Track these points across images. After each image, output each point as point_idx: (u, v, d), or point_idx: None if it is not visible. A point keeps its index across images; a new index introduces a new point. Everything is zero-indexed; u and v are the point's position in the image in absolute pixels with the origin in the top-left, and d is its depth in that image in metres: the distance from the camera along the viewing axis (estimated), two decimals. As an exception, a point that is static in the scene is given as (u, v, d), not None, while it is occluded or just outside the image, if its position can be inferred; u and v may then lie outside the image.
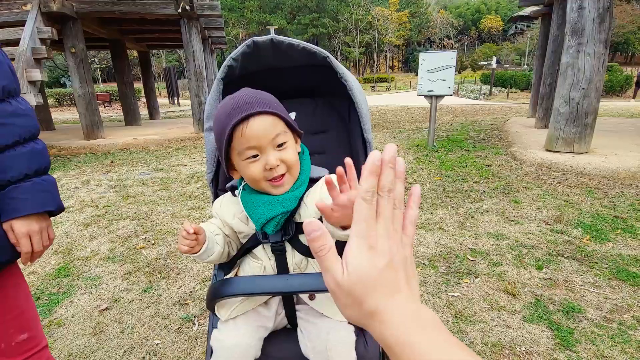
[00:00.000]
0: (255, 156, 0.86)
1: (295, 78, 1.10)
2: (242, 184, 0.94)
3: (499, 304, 2.02)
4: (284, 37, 0.98)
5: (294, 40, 0.99)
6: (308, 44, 0.99)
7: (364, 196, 0.38)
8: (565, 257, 2.49)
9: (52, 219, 1.00)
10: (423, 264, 2.49)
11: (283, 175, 0.88)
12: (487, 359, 1.64)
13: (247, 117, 0.82)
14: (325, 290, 0.78)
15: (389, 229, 0.39)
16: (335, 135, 1.20)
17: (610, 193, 3.75)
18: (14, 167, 0.87)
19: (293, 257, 0.93)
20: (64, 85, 34.57)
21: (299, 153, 0.93)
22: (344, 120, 1.17)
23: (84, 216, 3.64)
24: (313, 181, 0.95)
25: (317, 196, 0.92)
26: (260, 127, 0.83)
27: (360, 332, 0.96)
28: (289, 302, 0.96)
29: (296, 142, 0.93)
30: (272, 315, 0.98)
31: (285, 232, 0.91)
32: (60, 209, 0.97)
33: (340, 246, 0.48)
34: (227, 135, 0.83)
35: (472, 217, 3.25)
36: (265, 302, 1.00)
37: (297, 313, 0.97)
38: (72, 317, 2.08)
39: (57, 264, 2.70)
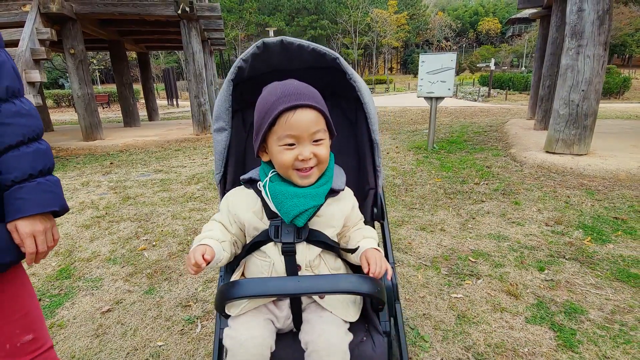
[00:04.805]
0: (291, 145, 0.90)
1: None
2: (269, 175, 0.96)
3: (501, 305, 2.02)
4: (294, 39, 0.99)
5: (304, 42, 0.99)
6: (318, 45, 0.99)
7: None
8: (566, 259, 2.50)
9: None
10: (425, 265, 2.50)
11: (312, 167, 0.91)
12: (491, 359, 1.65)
13: (295, 107, 0.86)
14: (333, 292, 0.78)
15: None
16: (342, 137, 1.20)
17: (610, 194, 3.76)
18: (18, 167, 0.86)
19: (307, 255, 0.94)
20: (62, 87, 34.47)
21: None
22: (351, 122, 1.17)
23: (84, 217, 3.63)
24: (333, 192, 0.98)
25: (339, 217, 1.00)
26: (304, 120, 0.88)
27: (368, 334, 0.96)
28: (297, 304, 0.96)
29: (329, 140, 0.97)
30: (282, 316, 0.99)
31: (297, 235, 0.93)
32: (64, 209, 0.97)
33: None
34: (272, 118, 0.87)
35: (473, 218, 3.26)
36: (275, 302, 1.00)
37: (303, 313, 0.97)
38: (74, 318, 2.07)
39: (58, 266, 2.69)
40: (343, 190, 1.01)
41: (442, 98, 6.04)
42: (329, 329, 0.89)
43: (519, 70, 44.02)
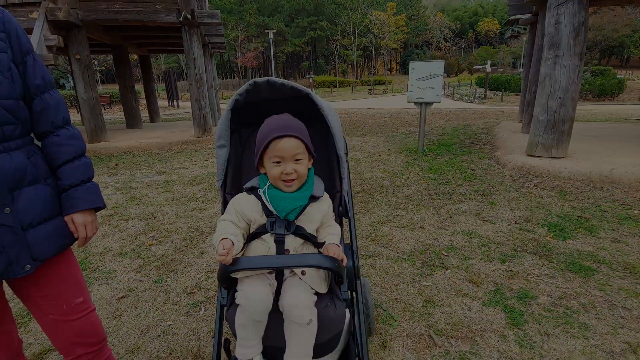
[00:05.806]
0: (278, 162, 1.24)
1: (285, 106, 1.42)
2: (267, 184, 1.30)
3: (463, 291, 2.34)
4: (277, 78, 1.33)
5: (285, 81, 1.34)
6: (295, 83, 1.34)
7: None
8: (527, 253, 2.81)
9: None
10: (402, 258, 2.81)
11: (293, 180, 1.26)
12: (448, 335, 1.96)
13: (282, 136, 1.22)
14: (302, 266, 1.10)
15: None
16: (317, 150, 1.52)
17: (580, 195, 4.07)
18: (73, 175, 1.20)
19: (294, 243, 1.27)
20: (63, 87, 34.76)
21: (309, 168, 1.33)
22: (323, 138, 1.51)
23: (95, 216, 3.93)
24: (313, 198, 1.31)
25: (319, 215, 1.33)
26: (287, 146, 1.22)
27: (332, 301, 1.27)
28: (280, 276, 1.28)
29: (309, 160, 1.31)
30: (274, 285, 1.29)
31: (287, 229, 1.27)
32: (104, 206, 1.29)
33: None
34: (266, 144, 1.23)
35: (451, 217, 3.57)
36: (268, 274, 1.31)
37: (282, 285, 1.28)
38: (93, 303, 2.37)
39: (75, 259, 3.00)
40: (322, 196, 1.35)
41: (431, 103, 6.35)
42: (299, 291, 1.21)
43: (517, 71, 44.41)
